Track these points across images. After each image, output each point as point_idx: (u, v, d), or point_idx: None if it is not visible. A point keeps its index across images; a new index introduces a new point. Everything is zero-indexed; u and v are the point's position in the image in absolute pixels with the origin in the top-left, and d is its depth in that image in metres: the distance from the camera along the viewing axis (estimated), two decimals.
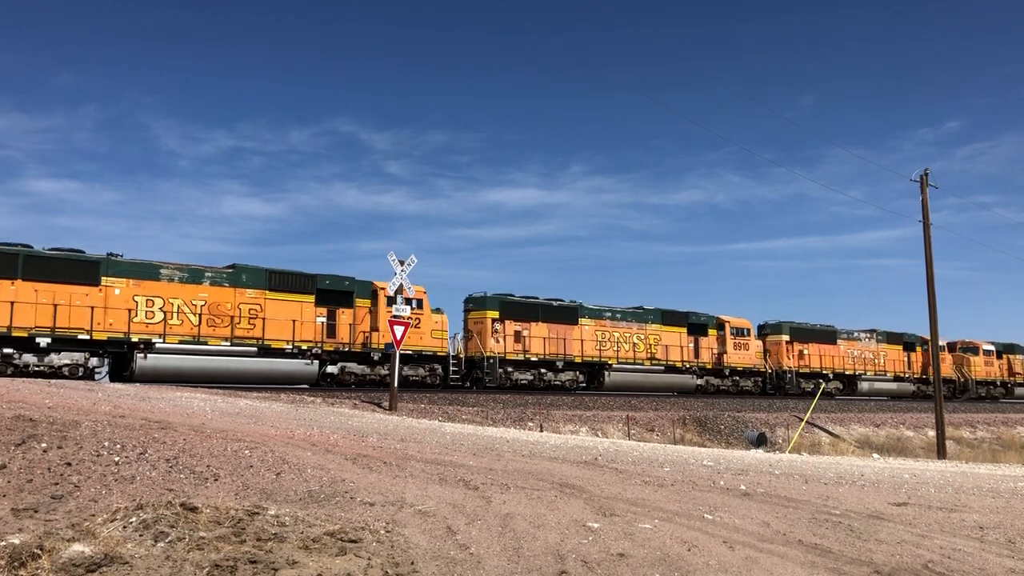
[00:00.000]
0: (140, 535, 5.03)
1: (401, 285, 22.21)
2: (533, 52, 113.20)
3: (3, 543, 4.68)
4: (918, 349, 44.83)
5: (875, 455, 23.38)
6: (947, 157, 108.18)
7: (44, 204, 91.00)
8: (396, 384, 21.52)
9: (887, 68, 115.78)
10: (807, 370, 38.67)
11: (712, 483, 10.08)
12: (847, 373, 40.59)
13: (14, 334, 20.47)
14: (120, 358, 22.54)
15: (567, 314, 31.46)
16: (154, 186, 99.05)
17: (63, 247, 22.39)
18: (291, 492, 6.96)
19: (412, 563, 5.18)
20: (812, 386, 37.64)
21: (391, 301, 22.85)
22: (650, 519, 7.07)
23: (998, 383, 48.17)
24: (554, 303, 31.82)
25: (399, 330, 21.46)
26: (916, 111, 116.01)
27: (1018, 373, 49.20)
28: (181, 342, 22.98)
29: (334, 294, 26.03)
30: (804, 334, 39.46)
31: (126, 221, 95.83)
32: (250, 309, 24.42)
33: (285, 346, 24.51)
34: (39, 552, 4.58)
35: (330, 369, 25.46)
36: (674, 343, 34.59)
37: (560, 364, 30.58)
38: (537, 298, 31.30)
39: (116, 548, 4.78)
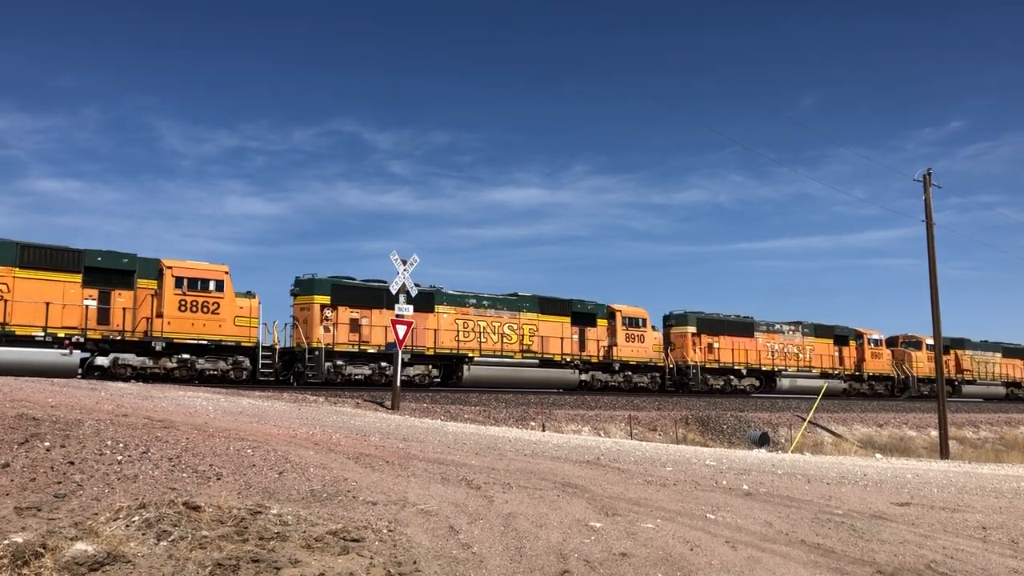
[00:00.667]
0: (143, 534, 5.03)
1: (404, 284, 22.23)
2: (536, 52, 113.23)
3: (6, 541, 4.69)
4: (851, 343, 41.82)
5: (878, 455, 23.36)
6: (950, 157, 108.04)
7: (47, 204, 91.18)
8: (399, 384, 21.53)
9: (890, 68, 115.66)
10: (716, 365, 35.56)
11: (714, 483, 10.08)
12: (764, 368, 37.31)
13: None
14: None
15: (419, 300, 25.54)
16: (157, 186, 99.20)
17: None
18: (293, 491, 6.97)
19: (415, 562, 5.18)
20: (722, 383, 35.77)
21: (395, 300, 22.73)
22: (652, 519, 7.06)
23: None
24: None
25: (401, 329, 21.49)
26: (919, 111, 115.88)
27: (967, 370, 45.80)
28: None
29: (108, 273, 22.75)
30: (713, 325, 36.10)
31: (129, 221, 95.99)
32: None
33: (37, 333, 21.30)
34: (42, 551, 4.58)
35: (100, 361, 22.30)
36: (554, 334, 31.08)
37: (407, 357, 26.41)
38: (384, 282, 26.53)
39: (119, 547, 4.79)
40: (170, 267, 23.40)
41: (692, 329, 35.38)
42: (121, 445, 8.01)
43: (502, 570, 5.28)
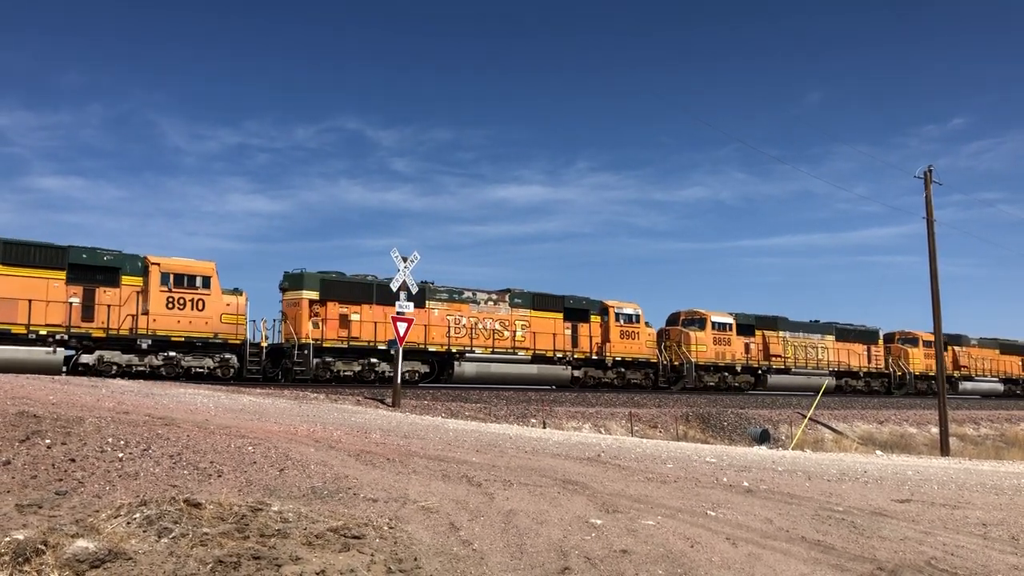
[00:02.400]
0: (144, 531, 5.04)
1: (405, 281, 22.23)
2: (539, 49, 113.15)
3: (7, 539, 4.69)
4: (594, 319, 38.68)
5: (878, 452, 23.37)
6: (953, 154, 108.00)
7: (50, 201, 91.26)
8: (399, 381, 21.55)
9: (893, 65, 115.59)
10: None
11: (715, 480, 10.08)
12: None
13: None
14: None
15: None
16: (160, 183, 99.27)
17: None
18: (294, 488, 6.98)
19: (415, 559, 5.18)
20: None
21: (395, 297, 22.72)
22: (653, 516, 7.07)
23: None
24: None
25: (402, 326, 21.49)
26: (922, 108, 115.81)
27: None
28: None
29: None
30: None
31: (131, 218, 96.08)
32: None
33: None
34: (43, 548, 4.59)
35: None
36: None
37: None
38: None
39: (120, 544, 4.79)
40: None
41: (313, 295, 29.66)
42: (122, 442, 8.02)
43: (503, 567, 5.29)
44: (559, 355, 31.03)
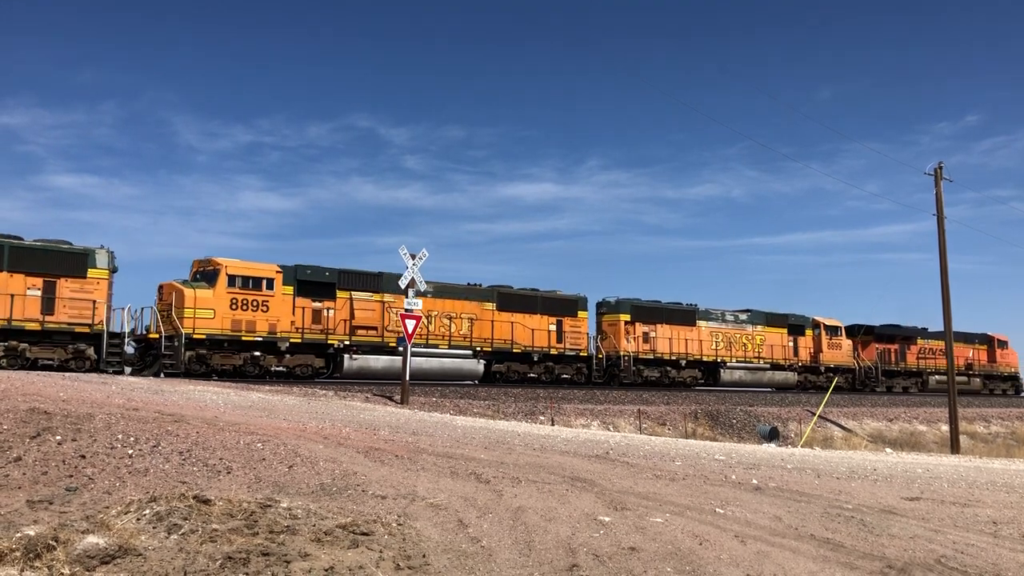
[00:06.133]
0: (153, 527, 5.06)
1: (413, 279, 22.25)
2: (550, 47, 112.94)
3: (19, 534, 4.72)
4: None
5: (888, 450, 23.28)
6: (966, 151, 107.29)
7: (64, 199, 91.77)
8: (408, 379, 21.58)
9: (905, 62, 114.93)
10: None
11: (724, 477, 10.06)
12: (706, 360, 35.65)
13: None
14: None
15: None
16: (172, 181, 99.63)
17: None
18: (303, 485, 6.99)
19: (424, 556, 5.19)
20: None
21: (404, 294, 22.76)
22: (661, 513, 7.06)
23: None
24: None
25: (411, 323, 21.53)
26: (934, 105, 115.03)
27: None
28: None
29: None
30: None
31: (144, 216, 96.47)
32: None
33: None
34: (54, 544, 4.61)
35: None
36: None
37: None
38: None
39: (130, 540, 4.81)
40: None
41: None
42: (132, 439, 8.05)
43: (511, 564, 5.29)
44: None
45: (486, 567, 5.19)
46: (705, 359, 35.63)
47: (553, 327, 31.15)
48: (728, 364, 36.28)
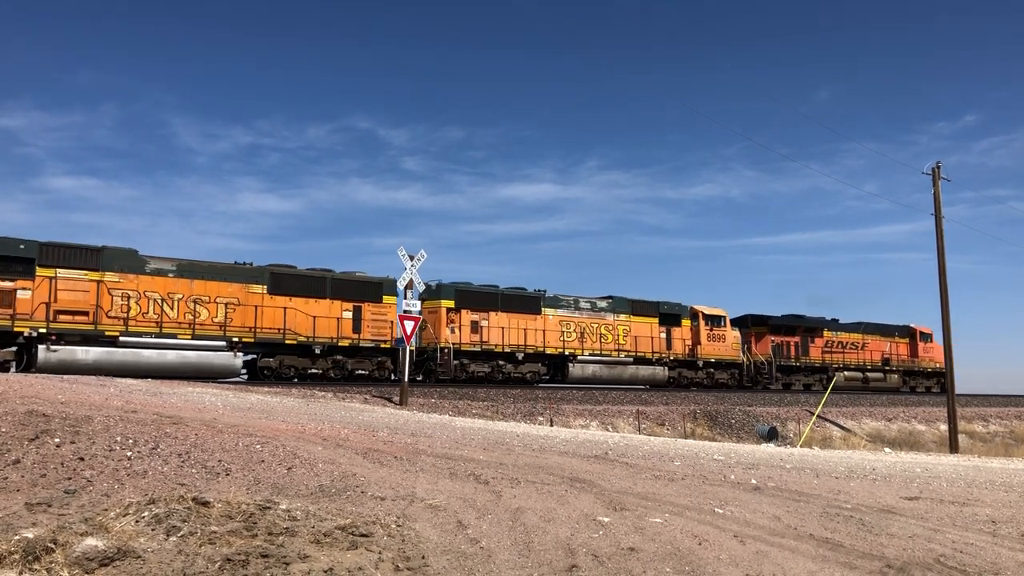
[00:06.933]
0: (152, 529, 5.06)
1: (411, 280, 22.26)
2: (549, 49, 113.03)
3: (17, 537, 4.71)
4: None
5: (887, 449, 23.30)
6: (964, 151, 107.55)
7: (63, 201, 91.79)
8: (406, 380, 21.58)
9: (904, 62, 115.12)
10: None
11: (723, 477, 10.06)
12: (550, 352, 31.33)
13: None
14: None
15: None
16: (171, 183, 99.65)
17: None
18: (302, 487, 6.99)
19: (423, 557, 5.19)
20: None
21: (403, 295, 22.72)
22: (660, 513, 7.06)
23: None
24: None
25: (409, 325, 21.53)
26: (933, 105, 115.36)
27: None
28: None
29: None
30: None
31: (143, 218, 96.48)
32: None
33: None
34: (53, 546, 4.61)
35: None
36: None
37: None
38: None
39: (129, 542, 4.81)
40: None
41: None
42: (131, 441, 8.05)
43: (510, 564, 5.29)
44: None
45: (485, 568, 5.19)
46: (549, 351, 31.03)
47: (348, 314, 26.46)
48: (579, 357, 31.76)
